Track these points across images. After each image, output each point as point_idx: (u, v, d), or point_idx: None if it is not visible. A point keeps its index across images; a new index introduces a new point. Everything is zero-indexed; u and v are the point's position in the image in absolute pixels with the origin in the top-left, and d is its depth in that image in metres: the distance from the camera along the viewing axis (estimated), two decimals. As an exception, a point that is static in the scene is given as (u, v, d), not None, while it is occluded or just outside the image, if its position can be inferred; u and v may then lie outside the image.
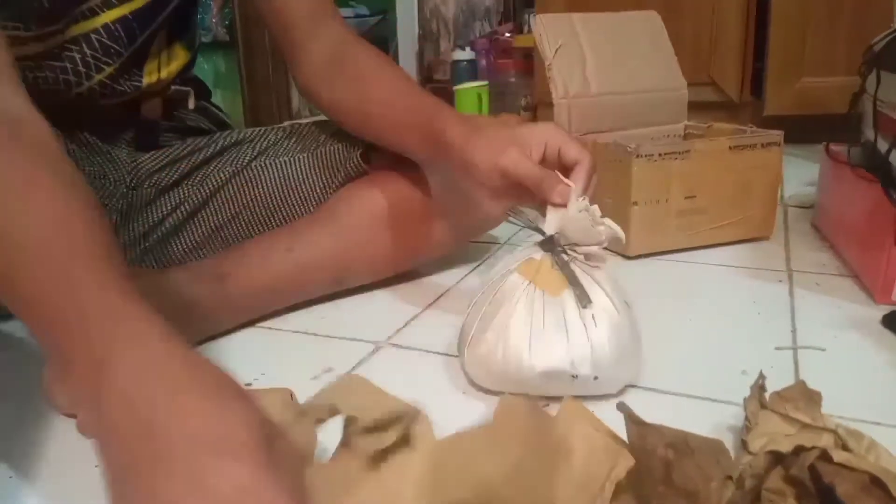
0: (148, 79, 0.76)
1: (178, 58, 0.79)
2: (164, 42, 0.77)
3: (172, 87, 0.79)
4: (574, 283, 0.55)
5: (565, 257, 0.57)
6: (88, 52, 0.70)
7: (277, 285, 0.71)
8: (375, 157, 0.77)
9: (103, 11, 0.69)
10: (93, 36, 0.69)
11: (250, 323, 0.71)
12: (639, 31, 1.02)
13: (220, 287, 0.67)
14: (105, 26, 0.70)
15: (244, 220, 0.78)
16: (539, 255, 0.57)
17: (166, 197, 0.78)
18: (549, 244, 0.58)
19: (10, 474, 0.48)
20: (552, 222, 0.58)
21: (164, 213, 0.77)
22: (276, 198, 0.78)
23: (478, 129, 0.64)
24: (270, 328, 0.71)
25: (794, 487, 0.37)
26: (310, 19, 0.76)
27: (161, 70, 0.77)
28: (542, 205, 0.60)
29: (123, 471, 0.31)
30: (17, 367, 0.65)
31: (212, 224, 0.78)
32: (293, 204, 0.79)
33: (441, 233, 0.79)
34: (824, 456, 0.37)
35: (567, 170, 0.61)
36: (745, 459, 0.40)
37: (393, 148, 0.73)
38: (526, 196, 0.61)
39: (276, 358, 0.64)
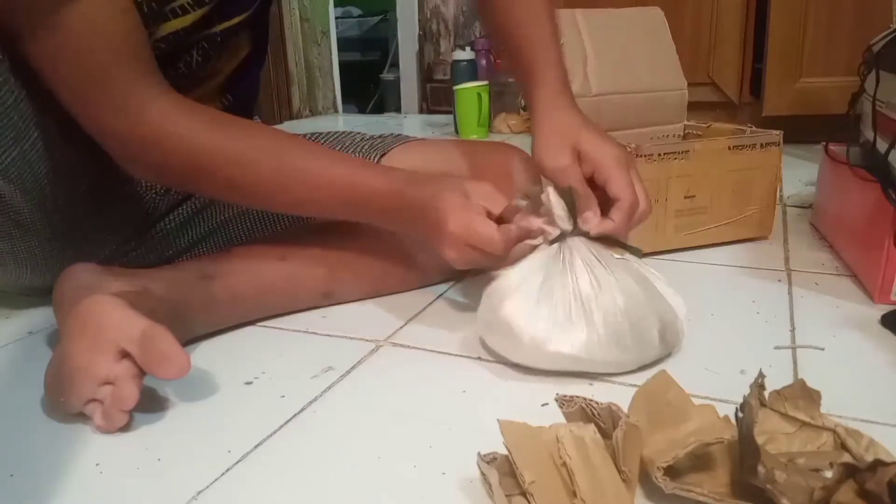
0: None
1: (240, 48, 0.77)
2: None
3: None
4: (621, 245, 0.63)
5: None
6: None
7: (264, 293, 0.70)
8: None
9: (193, 11, 0.67)
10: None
11: (248, 322, 0.71)
12: (641, 27, 1.02)
13: (206, 287, 0.66)
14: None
15: (249, 221, 0.78)
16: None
17: (188, 202, 0.78)
18: (575, 231, 0.61)
19: (11, 473, 0.48)
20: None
21: (177, 212, 0.78)
22: None
23: (555, 112, 0.67)
24: (270, 327, 0.71)
25: (867, 502, 0.36)
26: None
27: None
28: None
29: (425, 221, 0.62)
30: (17, 367, 0.65)
31: (217, 220, 0.78)
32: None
33: (437, 259, 0.77)
34: None
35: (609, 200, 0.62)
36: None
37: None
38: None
39: (276, 357, 0.64)
